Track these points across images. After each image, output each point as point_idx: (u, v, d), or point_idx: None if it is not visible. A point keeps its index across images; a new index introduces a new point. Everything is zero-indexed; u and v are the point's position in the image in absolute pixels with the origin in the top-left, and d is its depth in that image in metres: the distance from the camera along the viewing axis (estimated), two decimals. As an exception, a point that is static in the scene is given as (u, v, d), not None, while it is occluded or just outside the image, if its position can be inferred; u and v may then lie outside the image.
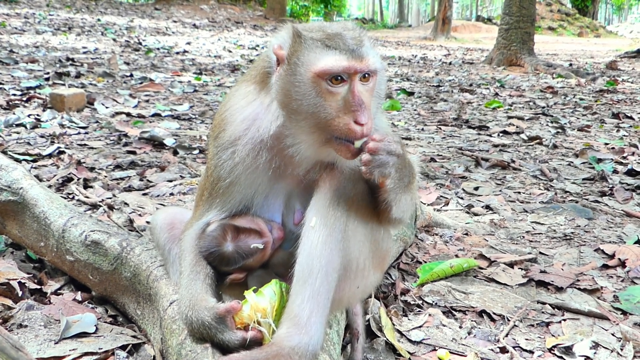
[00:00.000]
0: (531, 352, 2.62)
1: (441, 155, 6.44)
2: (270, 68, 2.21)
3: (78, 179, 4.66)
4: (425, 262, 3.54)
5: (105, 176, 4.93)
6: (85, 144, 5.98)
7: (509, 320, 2.88)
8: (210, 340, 2.10)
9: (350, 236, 2.18)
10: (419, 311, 2.97)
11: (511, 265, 3.54)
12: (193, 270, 2.30)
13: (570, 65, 20.46)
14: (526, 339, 2.72)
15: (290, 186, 2.35)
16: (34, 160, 5.22)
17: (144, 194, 4.55)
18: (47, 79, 10.03)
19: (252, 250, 2.30)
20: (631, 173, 5.74)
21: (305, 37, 2.08)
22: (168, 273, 2.52)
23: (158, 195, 4.53)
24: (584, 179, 5.60)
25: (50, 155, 5.39)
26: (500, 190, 5.19)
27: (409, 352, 2.59)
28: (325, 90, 2.04)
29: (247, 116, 2.26)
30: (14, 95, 8.36)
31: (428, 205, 4.64)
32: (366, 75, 2.10)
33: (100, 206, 4.08)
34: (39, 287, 2.86)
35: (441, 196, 4.94)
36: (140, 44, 19.82)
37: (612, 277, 3.44)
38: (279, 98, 2.14)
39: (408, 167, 2.18)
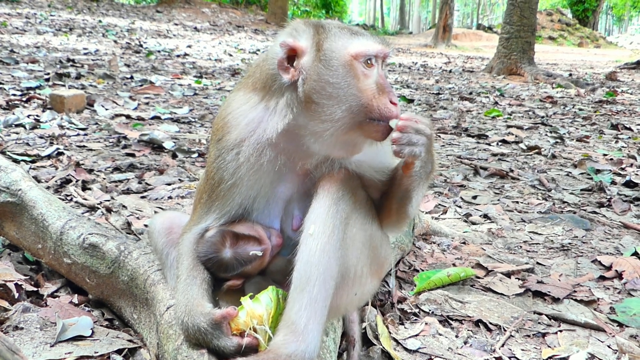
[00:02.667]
0: (527, 362, 2.62)
1: (440, 163, 6.45)
2: (274, 68, 2.19)
3: (76, 181, 4.66)
4: (423, 270, 3.54)
5: (104, 178, 4.92)
6: (84, 146, 5.98)
7: (505, 330, 2.88)
8: (206, 346, 2.10)
9: (348, 244, 2.19)
10: (416, 320, 2.97)
11: (508, 275, 3.54)
12: (190, 275, 2.29)
13: (570, 75, 20.51)
14: (522, 350, 2.72)
15: (290, 190, 2.35)
16: (33, 161, 5.22)
17: (143, 197, 4.55)
18: (47, 80, 10.03)
19: (251, 257, 2.30)
20: (629, 184, 5.74)
21: (329, 26, 2.18)
22: (165, 277, 2.52)
23: (156, 199, 4.53)
24: (582, 190, 5.61)
25: (49, 157, 5.39)
26: (498, 200, 5.19)
27: (405, 361, 2.59)
28: (361, 72, 2.12)
29: (252, 119, 2.26)
30: (14, 95, 8.36)
31: (426, 213, 4.65)
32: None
33: (99, 208, 4.08)
34: (35, 289, 2.85)
35: (439, 204, 4.94)
36: (141, 46, 19.84)
37: (608, 288, 3.44)
38: (308, 87, 2.12)
39: (433, 153, 2.27)
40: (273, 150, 2.25)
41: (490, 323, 2.95)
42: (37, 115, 7.14)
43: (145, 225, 3.78)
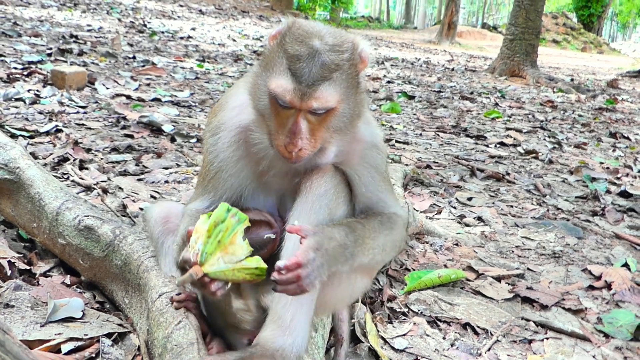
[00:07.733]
0: (512, 368, 2.65)
1: (437, 162, 6.46)
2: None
3: (74, 160, 4.65)
4: (414, 270, 3.56)
5: (102, 158, 4.92)
6: (83, 124, 5.96)
7: (492, 334, 2.91)
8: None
9: None
10: (404, 319, 2.99)
11: (498, 279, 3.56)
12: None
13: (572, 80, 20.51)
14: (508, 355, 2.75)
15: (278, 185, 2.34)
16: (31, 137, 5.20)
17: (139, 180, 4.55)
18: (49, 55, 9.97)
19: (265, 241, 2.28)
20: (624, 194, 5.77)
21: (285, 44, 2.00)
22: (159, 264, 2.53)
23: (153, 182, 4.53)
24: (576, 197, 5.63)
25: (47, 133, 5.37)
26: (493, 203, 5.21)
27: (391, 360, 2.62)
28: (275, 104, 2.01)
29: (240, 103, 2.26)
30: (15, 68, 8.32)
31: (421, 212, 4.67)
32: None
33: (95, 189, 4.08)
34: (28, 267, 2.86)
35: (434, 204, 4.96)
36: (145, 25, 19.72)
37: (597, 298, 3.47)
38: (248, 87, 2.15)
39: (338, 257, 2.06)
40: (246, 148, 2.24)
41: (478, 326, 2.97)
42: (37, 90, 7.10)
43: (141, 209, 3.79)
